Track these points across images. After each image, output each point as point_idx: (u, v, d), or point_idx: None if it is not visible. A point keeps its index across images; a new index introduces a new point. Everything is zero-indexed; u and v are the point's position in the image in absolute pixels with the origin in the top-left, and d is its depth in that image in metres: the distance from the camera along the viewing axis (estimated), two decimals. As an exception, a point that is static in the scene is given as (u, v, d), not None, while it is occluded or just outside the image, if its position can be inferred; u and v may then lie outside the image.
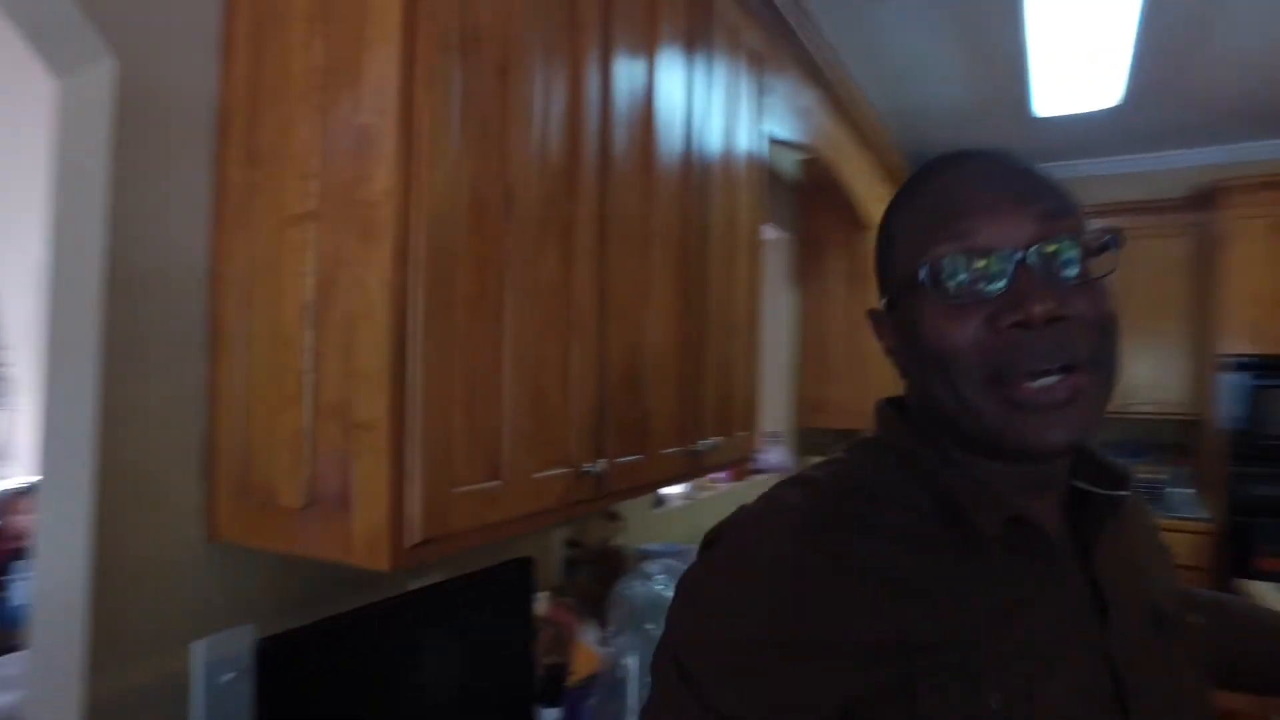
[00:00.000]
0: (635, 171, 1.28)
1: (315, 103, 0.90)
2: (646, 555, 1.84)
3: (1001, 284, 0.56)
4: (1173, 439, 4.02)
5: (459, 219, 0.89)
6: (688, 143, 1.46)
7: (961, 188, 0.60)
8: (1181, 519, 3.52)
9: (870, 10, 2.66)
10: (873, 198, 3.16)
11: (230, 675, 0.98)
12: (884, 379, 3.45)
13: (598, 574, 1.67)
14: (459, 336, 0.90)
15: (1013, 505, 0.58)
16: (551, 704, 1.20)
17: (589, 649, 1.43)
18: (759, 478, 2.89)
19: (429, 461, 0.84)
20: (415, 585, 1.19)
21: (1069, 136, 3.86)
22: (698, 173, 1.51)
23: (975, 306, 0.57)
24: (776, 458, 2.96)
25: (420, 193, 0.84)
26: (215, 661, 0.96)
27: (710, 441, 1.54)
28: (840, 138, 2.72)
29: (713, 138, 1.58)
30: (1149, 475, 3.84)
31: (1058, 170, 4.26)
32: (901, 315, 0.62)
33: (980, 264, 0.57)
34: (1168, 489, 3.68)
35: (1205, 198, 3.66)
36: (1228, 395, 3.45)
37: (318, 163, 0.89)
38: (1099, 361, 0.57)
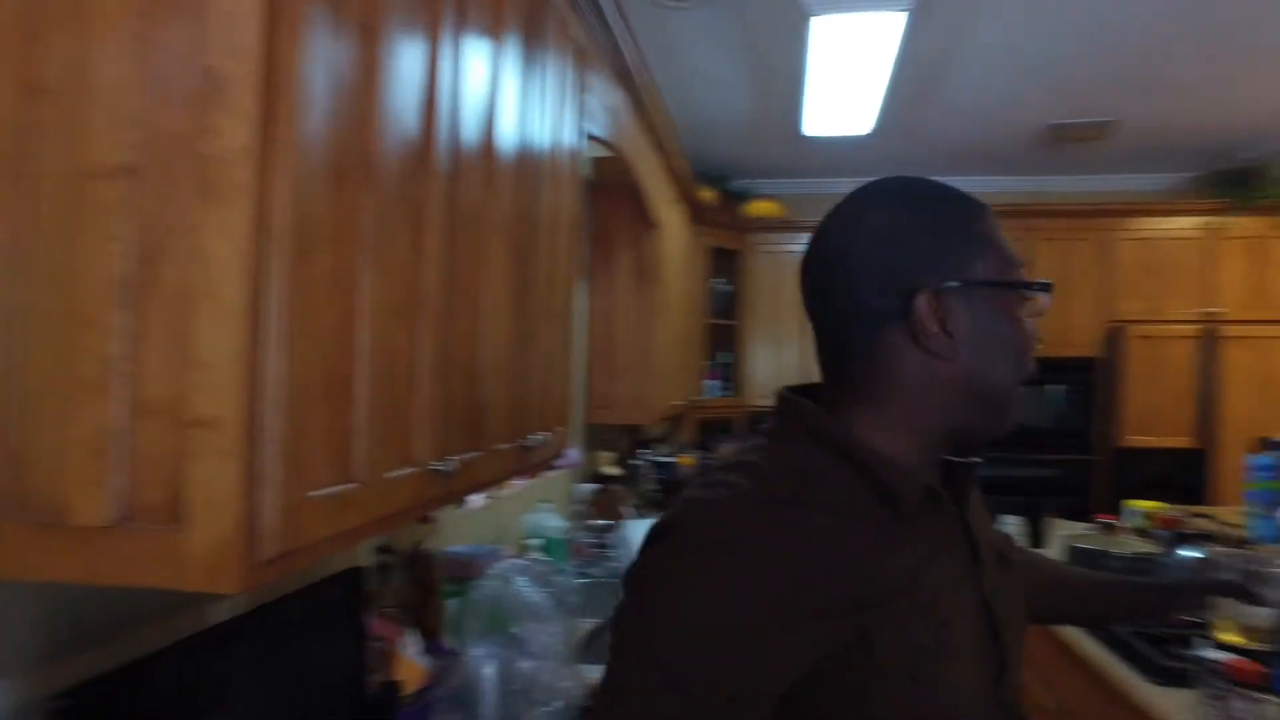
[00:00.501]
0: (480, 155, 1.21)
1: (131, 30, 0.74)
2: (456, 558, 1.76)
3: (1045, 303, 0.74)
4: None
5: (320, 187, 0.78)
6: (523, 131, 1.41)
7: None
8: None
9: (675, 22, 2.74)
10: (664, 200, 3.27)
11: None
12: (668, 376, 3.59)
13: (410, 579, 1.56)
14: (318, 319, 0.78)
15: (923, 477, 0.70)
16: (385, 726, 1.09)
17: (410, 661, 1.33)
18: (551, 475, 2.87)
19: (287, 463, 0.73)
20: (219, 612, 1.03)
21: (826, 156, 4.27)
22: (531, 162, 1.46)
23: (1021, 320, 0.73)
24: (570, 455, 2.96)
25: (281, 153, 0.73)
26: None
27: (538, 437, 1.50)
28: (639, 139, 2.78)
29: (545, 128, 1.54)
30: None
31: (816, 185, 4.71)
32: (978, 309, 0.71)
33: (1045, 287, 0.73)
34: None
35: (932, 221, 4.22)
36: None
37: (138, 105, 0.73)
38: None
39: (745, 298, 4.61)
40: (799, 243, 4.45)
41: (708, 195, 4.32)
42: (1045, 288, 0.72)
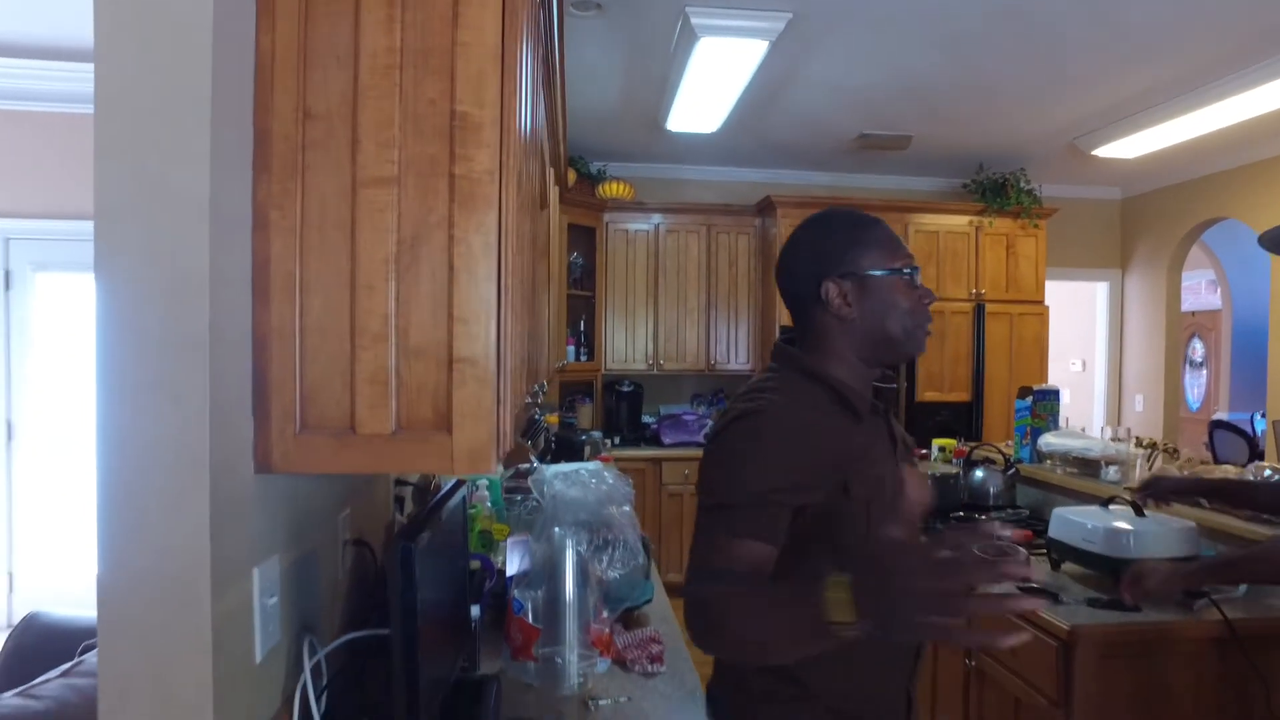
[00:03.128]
0: (531, 153, 1.54)
1: (391, 80, 1.02)
2: (445, 494, 2.06)
3: (918, 280, 1.21)
4: (738, 391, 5.28)
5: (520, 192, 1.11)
6: (534, 121, 1.74)
7: (893, 235, 1.24)
8: (748, 450, 4.71)
9: (571, 24, 3.08)
10: (550, 182, 3.60)
11: (274, 599, 1.05)
12: (552, 343, 3.94)
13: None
14: (521, 290, 1.12)
15: (867, 395, 1.22)
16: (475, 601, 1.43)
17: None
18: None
19: (514, 387, 1.06)
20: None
21: (676, 146, 4.77)
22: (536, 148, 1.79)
23: (910, 289, 1.19)
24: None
25: (508, 176, 1.05)
26: (265, 586, 1.03)
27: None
28: (544, 127, 3.10)
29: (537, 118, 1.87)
30: (728, 418, 5.00)
31: (664, 170, 5.20)
32: (869, 288, 1.19)
33: (913, 271, 1.20)
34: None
35: (765, 207, 4.87)
36: (779, 357, 4.70)
37: (397, 135, 1.02)
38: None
39: (600, 271, 5.03)
40: (649, 222, 4.96)
41: (569, 176, 4.67)
42: (912, 270, 1.20)
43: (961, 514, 2.81)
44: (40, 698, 1.38)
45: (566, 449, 3.79)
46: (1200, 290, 9.13)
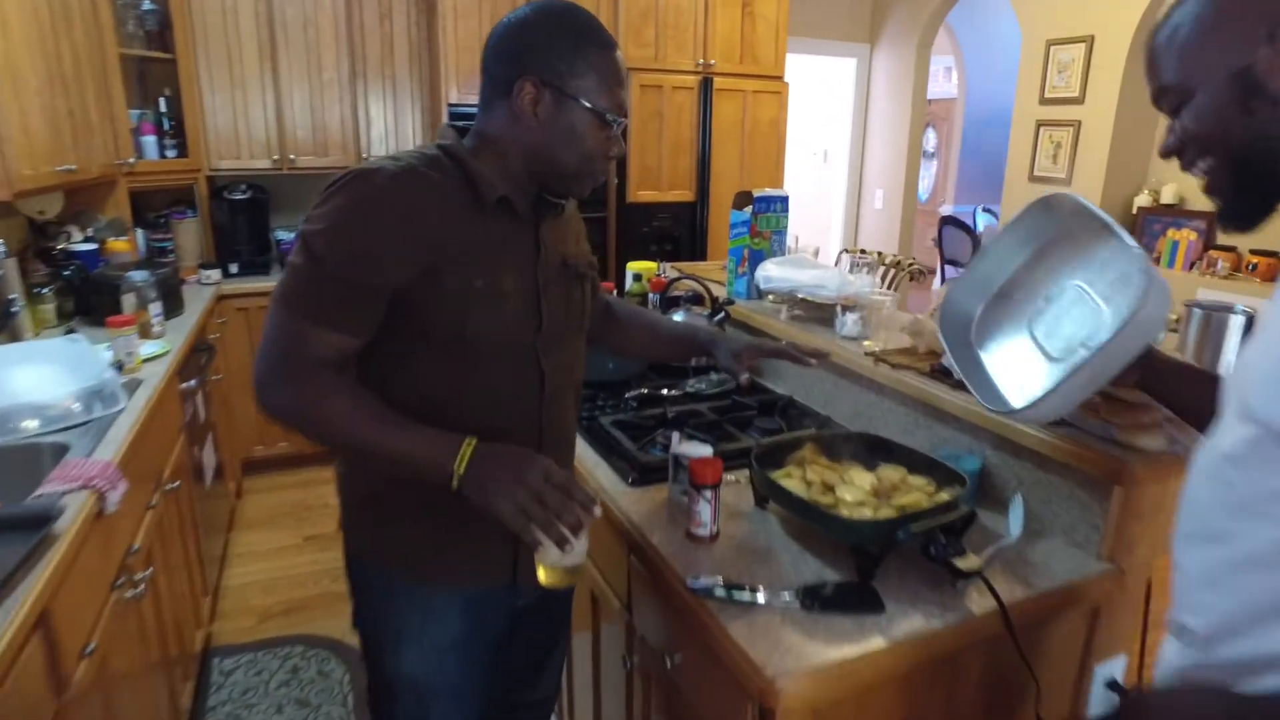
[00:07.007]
0: None
1: None
2: None
3: (616, 133, 1.14)
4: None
5: None
6: None
7: (619, 70, 1.12)
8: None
9: None
10: None
11: None
12: (37, 130, 2.42)
13: None
14: None
15: (501, 190, 1.11)
16: None
17: None
18: None
19: None
20: None
21: None
22: None
23: (603, 134, 1.12)
24: None
25: None
26: None
27: None
28: None
29: None
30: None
31: None
32: (564, 109, 1.09)
33: (617, 123, 1.13)
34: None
35: (424, -69, 3.41)
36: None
37: None
38: None
39: (183, 22, 3.39)
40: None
41: None
42: (616, 121, 1.11)
43: (644, 392, 1.93)
44: None
45: (100, 298, 2.45)
46: (938, 77, 8.92)
